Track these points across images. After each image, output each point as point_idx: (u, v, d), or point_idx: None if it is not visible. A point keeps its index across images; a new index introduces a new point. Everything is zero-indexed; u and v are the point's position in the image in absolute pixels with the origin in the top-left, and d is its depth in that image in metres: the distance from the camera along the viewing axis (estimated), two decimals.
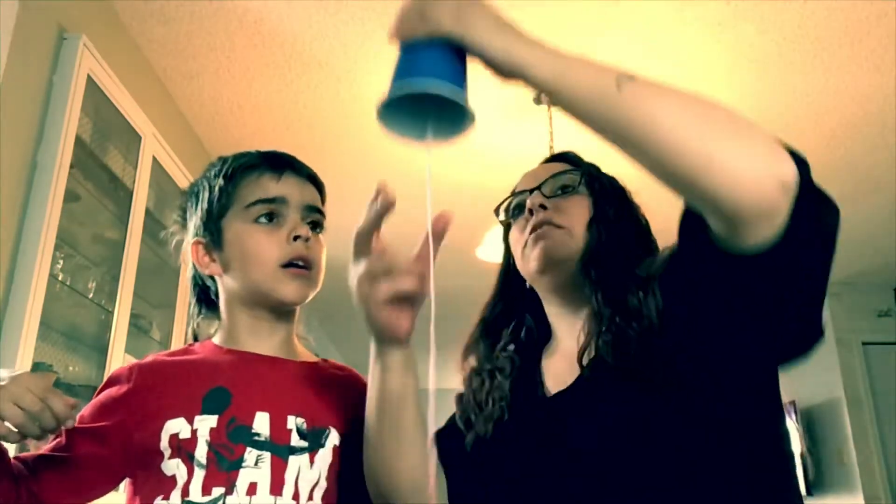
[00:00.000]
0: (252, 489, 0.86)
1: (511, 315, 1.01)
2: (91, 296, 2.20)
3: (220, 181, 0.98)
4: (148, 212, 2.44)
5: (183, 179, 2.65)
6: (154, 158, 2.48)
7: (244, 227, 0.96)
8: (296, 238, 0.95)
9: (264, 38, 2.46)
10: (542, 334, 0.99)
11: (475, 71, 0.70)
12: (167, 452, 0.88)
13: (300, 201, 0.98)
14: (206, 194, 1.00)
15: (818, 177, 0.68)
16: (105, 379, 0.98)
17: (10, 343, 1.73)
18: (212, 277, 1.02)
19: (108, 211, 2.30)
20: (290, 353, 1.01)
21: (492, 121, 2.94)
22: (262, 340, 0.98)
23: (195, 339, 1.06)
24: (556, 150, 1.10)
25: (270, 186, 0.97)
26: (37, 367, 1.84)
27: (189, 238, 1.02)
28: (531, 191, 0.94)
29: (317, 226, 1.00)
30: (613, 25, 2.39)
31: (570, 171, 0.96)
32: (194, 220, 1.02)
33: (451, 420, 0.97)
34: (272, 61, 2.59)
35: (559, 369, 0.91)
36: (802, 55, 2.56)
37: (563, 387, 0.87)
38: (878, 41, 2.48)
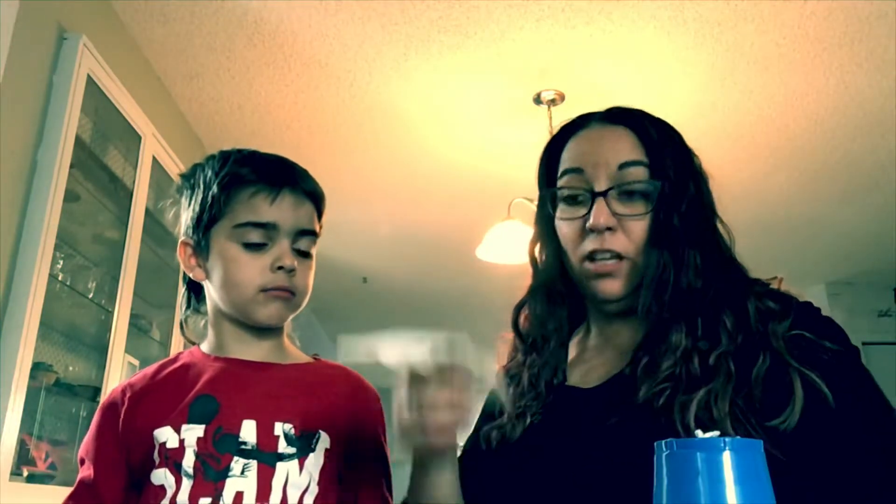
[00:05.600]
0: (238, 498, 0.86)
1: (556, 309, 0.92)
2: (91, 296, 2.20)
3: (215, 188, 0.95)
4: (148, 212, 2.44)
5: None
6: (154, 158, 2.48)
7: (229, 247, 0.94)
8: (279, 268, 0.93)
9: (264, 38, 2.46)
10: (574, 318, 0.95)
11: (475, 69, 0.69)
12: (156, 461, 0.89)
13: (293, 226, 0.95)
14: (200, 195, 0.97)
15: (818, 177, 0.66)
16: (104, 401, 0.98)
17: (10, 343, 1.73)
18: None
19: (108, 211, 2.30)
20: (280, 356, 0.99)
21: (491, 121, 2.94)
22: (250, 347, 0.97)
23: (182, 329, 1.06)
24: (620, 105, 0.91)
25: (263, 209, 0.94)
26: (37, 366, 1.84)
27: (181, 232, 1.01)
28: (595, 194, 0.83)
29: (306, 253, 0.97)
30: (614, 25, 2.39)
31: (645, 181, 0.82)
32: (185, 216, 1.00)
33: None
34: (272, 61, 2.59)
35: (590, 367, 0.88)
36: (802, 55, 2.56)
37: (592, 384, 0.85)
38: (877, 41, 2.48)
